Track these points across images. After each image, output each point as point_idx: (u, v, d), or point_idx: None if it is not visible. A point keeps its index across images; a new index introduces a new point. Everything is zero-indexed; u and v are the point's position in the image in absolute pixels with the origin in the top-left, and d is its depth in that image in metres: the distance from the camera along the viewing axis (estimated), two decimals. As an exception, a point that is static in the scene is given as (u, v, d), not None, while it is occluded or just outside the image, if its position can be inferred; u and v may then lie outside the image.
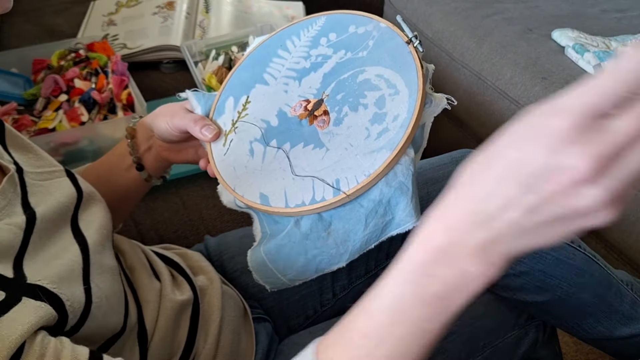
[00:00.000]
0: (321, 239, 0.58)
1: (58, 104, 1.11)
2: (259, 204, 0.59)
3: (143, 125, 0.70)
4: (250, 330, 0.72)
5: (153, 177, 0.73)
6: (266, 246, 0.60)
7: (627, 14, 1.45)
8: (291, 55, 0.67)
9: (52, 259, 0.51)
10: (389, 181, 0.56)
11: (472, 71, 1.31)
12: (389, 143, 0.56)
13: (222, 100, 0.67)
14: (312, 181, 0.58)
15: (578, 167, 0.32)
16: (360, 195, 0.57)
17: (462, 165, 0.39)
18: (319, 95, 0.62)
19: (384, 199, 0.56)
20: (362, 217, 0.57)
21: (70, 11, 1.57)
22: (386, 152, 0.56)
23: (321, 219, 0.58)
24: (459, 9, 1.41)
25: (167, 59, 1.37)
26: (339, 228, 0.58)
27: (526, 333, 0.83)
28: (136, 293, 0.63)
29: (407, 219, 0.56)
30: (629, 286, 0.82)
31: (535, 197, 0.34)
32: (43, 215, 0.53)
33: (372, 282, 0.86)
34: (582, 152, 0.32)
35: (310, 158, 0.59)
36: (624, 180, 0.32)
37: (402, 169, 0.56)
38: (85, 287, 0.51)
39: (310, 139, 0.60)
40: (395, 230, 0.57)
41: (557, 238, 0.36)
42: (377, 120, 0.58)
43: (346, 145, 0.58)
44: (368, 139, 0.57)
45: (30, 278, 0.46)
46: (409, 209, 0.56)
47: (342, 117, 0.60)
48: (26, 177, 0.56)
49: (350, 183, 0.56)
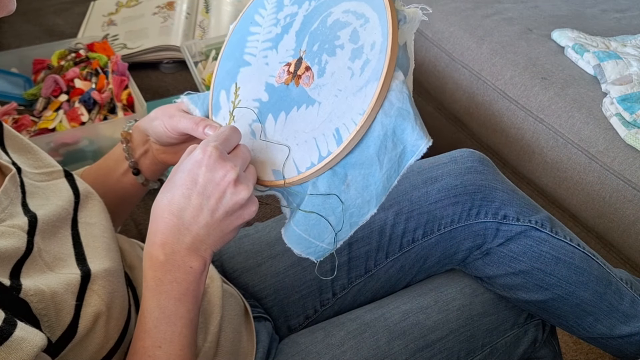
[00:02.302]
0: (343, 193, 0.56)
1: (58, 104, 1.11)
2: (274, 180, 0.58)
3: (138, 129, 0.69)
4: (250, 329, 0.72)
5: (150, 180, 0.73)
6: (294, 219, 0.58)
7: (627, 14, 1.46)
8: (262, 28, 0.66)
9: (49, 268, 0.51)
10: (387, 111, 0.54)
11: (472, 71, 1.31)
12: (374, 73, 0.54)
13: (216, 97, 0.67)
14: (314, 140, 0.57)
15: (231, 174, 0.52)
16: (363, 135, 0.55)
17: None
18: (297, 54, 0.61)
19: (389, 131, 0.54)
20: (373, 156, 0.55)
21: (70, 11, 1.57)
22: (373, 84, 0.54)
23: (335, 174, 0.57)
24: (459, 9, 1.41)
25: (167, 59, 1.37)
26: (356, 175, 0.56)
27: (525, 332, 0.83)
28: (136, 292, 0.63)
29: (418, 142, 0.54)
30: (628, 285, 0.82)
31: (213, 200, 0.52)
32: (44, 218, 0.53)
33: (372, 282, 0.87)
34: (230, 166, 0.52)
35: (307, 119, 0.58)
36: (253, 181, 0.55)
37: (396, 94, 0.54)
38: (77, 303, 0.51)
39: (301, 99, 0.59)
40: (412, 158, 0.55)
41: (234, 229, 0.54)
42: (356, 55, 0.56)
43: (335, 92, 0.57)
44: (353, 77, 0.56)
45: (25, 288, 0.46)
46: (417, 131, 0.54)
47: (324, 67, 0.58)
48: (24, 178, 0.56)
49: (349, 127, 0.55)
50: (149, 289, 0.53)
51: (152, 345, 0.52)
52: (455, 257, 0.81)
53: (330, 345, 0.71)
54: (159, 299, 0.52)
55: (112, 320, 0.54)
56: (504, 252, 0.78)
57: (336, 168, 0.57)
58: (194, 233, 0.53)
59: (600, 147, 1.08)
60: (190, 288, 0.53)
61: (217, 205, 0.52)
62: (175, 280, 0.53)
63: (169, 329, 0.52)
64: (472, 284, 0.81)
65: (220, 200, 0.52)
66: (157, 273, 0.53)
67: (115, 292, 0.54)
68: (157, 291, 0.52)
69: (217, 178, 0.52)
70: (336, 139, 0.55)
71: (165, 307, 0.52)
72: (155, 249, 0.53)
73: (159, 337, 0.52)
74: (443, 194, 0.78)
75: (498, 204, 0.78)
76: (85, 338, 0.51)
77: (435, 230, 0.79)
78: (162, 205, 0.53)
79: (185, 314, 0.53)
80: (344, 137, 0.55)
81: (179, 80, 1.34)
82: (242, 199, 0.53)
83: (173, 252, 0.52)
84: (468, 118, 1.36)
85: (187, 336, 0.53)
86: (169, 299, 0.52)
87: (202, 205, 0.52)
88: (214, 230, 0.53)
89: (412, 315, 0.75)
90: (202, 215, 0.52)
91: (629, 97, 1.10)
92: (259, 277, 0.79)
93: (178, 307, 0.53)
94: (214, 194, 0.52)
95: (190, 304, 0.54)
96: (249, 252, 0.81)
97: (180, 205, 0.52)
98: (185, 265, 0.53)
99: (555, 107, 1.15)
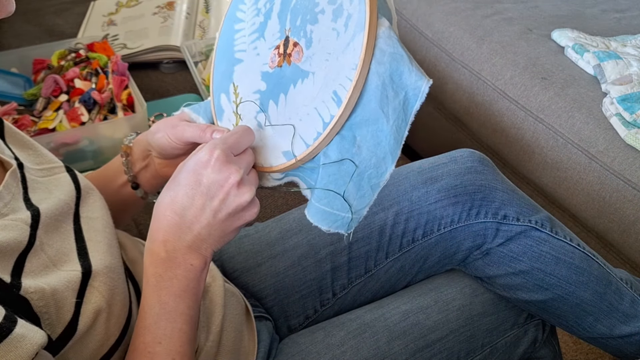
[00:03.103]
0: (356, 156, 0.55)
1: (58, 104, 1.11)
2: (286, 162, 0.58)
3: (139, 143, 0.69)
4: (252, 328, 0.72)
5: (149, 194, 0.72)
6: (315, 195, 0.57)
7: (627, 14, 1.46)
8: (246, 22, 0.65)
9: (52, 263, 0.51)
10: (380, 59, 0.53)
11: (472, 71, 1.31)
12: (358, 25, 0.53)
13: (217, 101, 0.67)
14: (316, 110, 0.56)
15: (235, 176, 0.53)
16: (362, 90, 0.54)
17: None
18: (283, 35, 0.61)
19: (386, 79, 0.53)
20: (377, 110, 0.54)
21: (70, 11, 1.57)
22: (359, 34, 0.53)
23: (344, 138, 0.55)
24: (459, 9, 1.41)
25: (167, 59, 1.37)
26: (365, 134, 0.55)
27: (525, 332, 0.83)
28: (137, 286, 0.63)
29: (418, 82, 0.52)
30: (628, 284, 0.82)
31: (217, 202, 0.53)
32: (46, 212, 0.53)
33: (372, 282, 0.87)
34: (235, 168, 0.53)
35: (304, 92, 0.57)
36: (256, 184, 0.56)
37: (385, 40, 0.53)
38: (77, 300, 0.50)
39: (295, 76, 0.58)
40: (417, 102, 0.53)
41: (235, 229, 0.55)
42: (337, 14, 0.55)
43: (325, 57, 0.56)
44: (339, 36, 0.54)
45: (25, 285, 0.46)
46: (414, 72, 0.52)
47: (310, 37, 0.58)
48: (27, 173, 0.56)
49: (345, 86, 0.53)
50: (150, 285, 0.54)
51: (152, 341, 0.52)
52: (455, 257, 0.81)
53: (330, 345, 0.72)
54: (160, 295, 0.53)
55: (113, 317, 0.53)
56: (504, 252, 0.78)
57: (343, 132, 0.55)
58: (195, 232, 0.54)
59: (600, 147, 1.08)
60: (190, 285, 0.54)
61: (220, 207, 0.53)
62: (175, 277, 0.53)
63: (169, 325, 0.53)
64: (472, 284, 0.81)
65: (224, 202, 0.53)
66: (157, 269, 0.53)
67: (115, 289, 0.54)
68: (158, 287, 0.53)
69: (221, 180, 0.53)
70: (335, 101, 0.54)
71: (165, 303, 0.53)
72: (156, 245, 0.54)
73: (159, 333, 0.53)
74: (443, 194, 0.78)
75: (498, 204, 0.78)
76: (85, 335, 0.51)
77: (435, 230, 0.79)
78: (165, 203, 0.54)
79: (185, 310, 0.54)
80: (342, 97, 0.54)
81: (179, 80, 1.34)
82: (245, 201, 0.54)
83: (174, 250, 0.53)
84: (468, 118, 1.36)
85: (187, 332, 0.54)
86: (169, 295, 0.53)
87: (205, 206, 0.53)
88: (215, 230, 0.54)
89: (412, 315, 0.75)
90: (205, 215, 0.53)
91: (629, 97, 1.10)
92: (259, 277, 0.79)
93: (178, 304, 0.53)
94: (218, 195, 0.53)
95: (191, 300, 0.54)
96: (249, 252, 0.81)
97: (183, 205, 0.53)
98: (185, 263, 0.54)
99: (555, 107, 1.15)
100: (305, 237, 0.80)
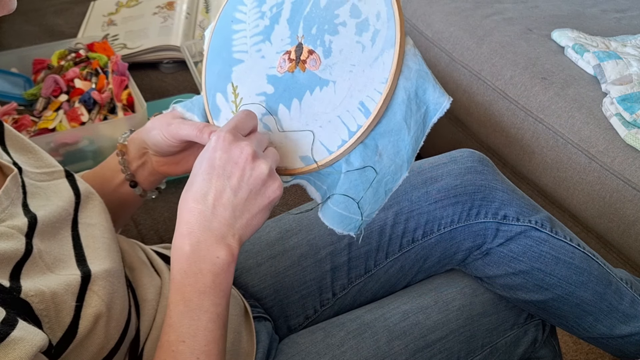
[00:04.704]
0: (377, 163, 0.57)
1: (58, 104, 1.11)
2: (305, 166, 0.59)
3: (135, 141, 0.68)
4: (250, 329, 0.72)
5: (147, 191, 0.72)
6: (333, 199, 0.59)
7: (627, 14, 1.46)
8: (247, 24, 0.65)
9: (49, 269, 0.51)
10: (407, 75, 0.56)
11: (472, 71, 1.31)
12: (387, 41, 0.55)
13: (212, 101, 0.66)
14: (339, 118, 0.57)
15: (247, 149, 0.53)
16: (389, 102, 0.56)
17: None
18: (294, 41, 0.61)
19: (411, 94, 0.56)
20: (401, 122, 0.56)
21: (70, 11, 1.57)
22: (389, 51, 0.55)
23: (367, 146, 0.57)
24: (459, 9, 1.41)
25: (167, 59, 1.37)
26: (387, 144, 0.57)
27: (525, 332, 0.83)
28: (135, 292, 0.63)
29: (440, 99, 0.56)
30: (628, 284, 0.82)
31: (235, 180, 0.52)
32: (44, 219, 0.53)
33: (372, 282, 0.87)
34: (245, 143, 0.53)
35: (324, 100, 0.58)
36: (273, 160, 0.56)
37: (412, 58, 0.55)
38: (77, 304, 0.50)
39: (312, 83, 0.59)
40: (436, 116, 0.56)
41: (260, 211, 0.54)
42: (363, 29, 0.57)
43: (349, 67, 0.57)
44: (365, 50, 0.56)
45: (25, 289, 0.46)
46: (437, 89, 0.56)
47: (329, 46, 0.59)
48: (25, 178, 0.56)
49: (374, 98, 0.55)
50: (175, 282, 0.52)
51: (176, 340, 0.51)
52: (455, 257, 0.81)
53: (330, 345, 0.71)
54: (183, 292, 0.52)
55: (113, 321, 0.53)
56: (504, 252, 0.78)
57: (366, 141, 0.58)
58: (219, 217, 0.52)
59: (600, 147, 1.08)
60: (216, 280, 0.52)
61: (239, 184, 0.52)
62: (200, 272, 0.52)
63: (193, 324, 0.51)
64: (472, 284, 0.81)
65: (242, 178, 0.53)
66: (182, 265, 0.52)
67: (115, 293, 0.54)
68: (182, 284, 0.52)
69: (234, 157, 0.53)
70: (363, 112, 0.56)
71: (189, 300, 0.51)
72: (180, 240, 0.52)
73: (183, 332, 0.51)
74: (443, 194, 0.78)
75: (498, 204, 0.78)
76: (85, 339, 0.51)
77: (435, 230, 0.79)
78: (186, 197, 0.54)
79: (210, 307, 0.52)
80: (371, 109, 0.56)
81: (179, 80, 1.34)
82: (262, 172, 0.53)
83: (198, 242, 0.52)
84: (468, 118, 1.36)
85: (212, 331, 0.52)
86: (193, 292, 0.52)
87: (224, 186, 0.52)
88: (240, 212, 0.53)
89: (412, 316, 0.75)
90: (225, 195, 0.52)
91: (629, 97, 1.10)
92: (258, 277, 0.79)
93: (202, 301, 0.52)
94: (234, 172, 0.52)
95: (217, 297, 0.52)
96: (249, 252, 0.81)
97: (203, 191, 0.53)
98: (211, 256, 0.52)
99: (555, 107, 1.15)
100: (305, 237, 0.80)
